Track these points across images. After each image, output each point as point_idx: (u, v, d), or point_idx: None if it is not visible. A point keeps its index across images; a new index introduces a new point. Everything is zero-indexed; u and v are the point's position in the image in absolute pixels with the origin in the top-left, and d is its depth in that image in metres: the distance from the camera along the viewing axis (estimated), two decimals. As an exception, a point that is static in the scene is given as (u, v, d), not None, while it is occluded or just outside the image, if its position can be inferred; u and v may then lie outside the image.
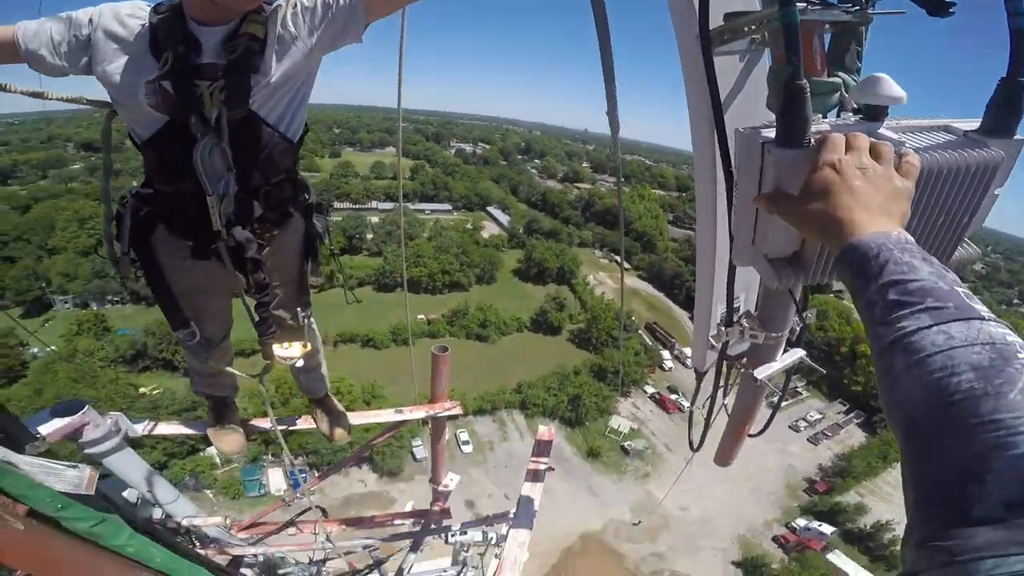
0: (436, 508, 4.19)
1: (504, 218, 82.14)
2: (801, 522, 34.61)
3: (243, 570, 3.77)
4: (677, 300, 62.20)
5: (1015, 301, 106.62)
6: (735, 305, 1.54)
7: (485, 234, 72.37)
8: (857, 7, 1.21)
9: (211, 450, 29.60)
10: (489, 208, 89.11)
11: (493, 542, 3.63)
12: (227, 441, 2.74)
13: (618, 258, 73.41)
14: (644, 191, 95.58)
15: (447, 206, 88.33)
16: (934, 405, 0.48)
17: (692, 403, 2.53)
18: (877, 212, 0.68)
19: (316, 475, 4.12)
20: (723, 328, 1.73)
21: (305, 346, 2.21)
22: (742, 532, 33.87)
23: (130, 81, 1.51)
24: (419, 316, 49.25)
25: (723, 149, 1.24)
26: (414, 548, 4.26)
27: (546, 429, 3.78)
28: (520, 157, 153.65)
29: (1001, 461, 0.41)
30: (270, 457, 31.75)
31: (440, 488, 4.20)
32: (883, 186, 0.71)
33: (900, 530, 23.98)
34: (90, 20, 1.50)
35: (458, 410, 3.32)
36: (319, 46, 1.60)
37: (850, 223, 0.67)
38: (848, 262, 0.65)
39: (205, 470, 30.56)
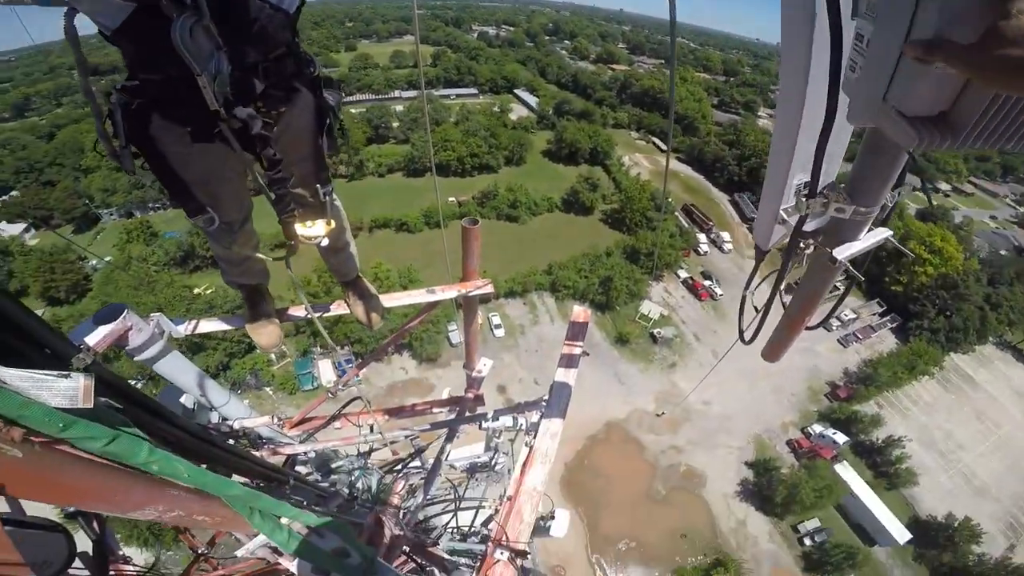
0: (470, 395, 4.10)
1: (532, 100, 78.60)
2: (816, 428, 34.56)
3: (298, 467, 3.78)
4: (717, 183, 59.38)
5: None
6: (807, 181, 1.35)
7: (513, 116, 69.20)
8: None
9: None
10: (516, 91, 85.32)
11: (523, 428, 3.51)
12: (264, 334, 2.70)
13: (656, 139, 69.67)
14: (687, 74, 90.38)
15: (473, 90, 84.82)
16: None
17: (747, 287, 2.12)
18: None
19: (357, 364, 4.08)
20: (804, 199, 1.47)
21: (329, 223, 2.16)
22: (759, 432, 34.23)
23: None
24: (449, 199, 48.70)
25: None
26: (450, 437, 4.28)
27: (581, 310, 3.60)
28: (548, 39, 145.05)
29: None
30: (319, 349, 32.39)
31: (474, 374, 4.11)
32: None
33: (910, 448, 24.23)
34: None
35: (490, 288, 3.23)
36: None
37: None
38: None
39: (263, 367, 31.16)
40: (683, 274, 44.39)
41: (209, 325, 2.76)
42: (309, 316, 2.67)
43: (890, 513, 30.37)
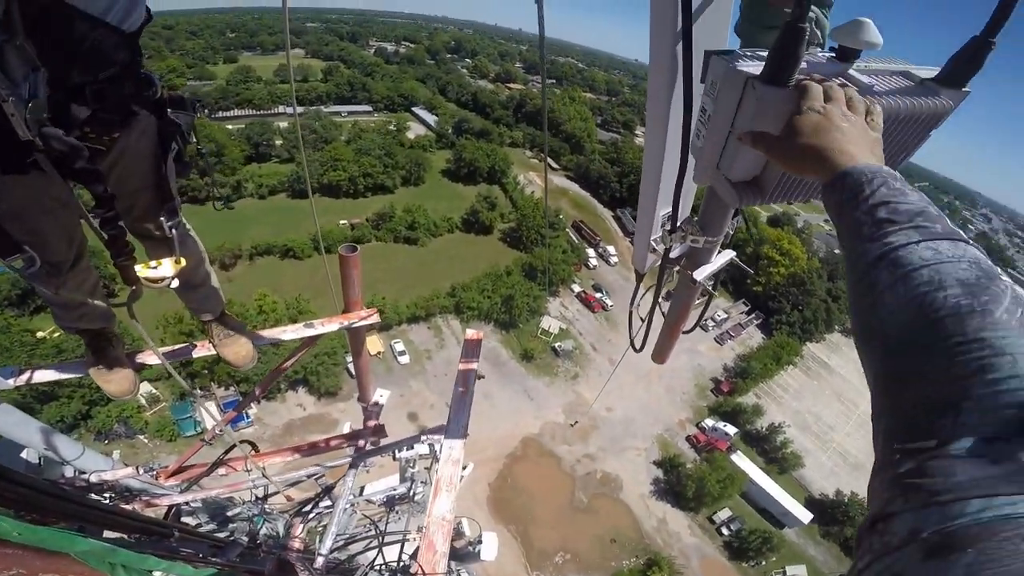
0: (369, 426, 3.93)
1: (431, 118, 77.63)
2: (709, 423, 37.30)
3: (184, 519, 3.53)
4: (602, 200, 63.07)
5: None
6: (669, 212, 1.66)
7: (411, 135, 67.87)
8: None
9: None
10: (415, 108, 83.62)
11: (438, 455, 3.44)
12: (112, 381, 2.40)
13: (549, 159, 72.87)
14: (575, 93, 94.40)
15: (367, 107, 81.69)
16: (918, 323, 0.47)
17: (632, 303, 2.55)
18: (867, 150, 0.73)
19: (232, 410, 3.77)
20: (667, 233, 1.84)
21: (178, 261, 1.89)
22: (660, 432, 36.40)
23: None
24: (341, 221, 46.60)
25: (687, 67, 1.24)
26: (354, 466, 3.99)
27: (473, 332, 3.60)
28: (449, 56, 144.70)
29: (983, 387, 0.39)
30: (199, 392, 29.71)
31: (369, 406, 3.96)
32: (865, 133, 0.77)
33: (789, 433, 28.08)
34: None
35: (375, 318, 3.07)
36: None
37: (846, 153, 0.71)
38: (841, 186, 0.67)
39: (133, 414, 28.12)
40: (576, 288, 46.83)
41: (45, 375, 2.46)
42: (163, 364, 2.34)
43: (789, 496, 33.40)
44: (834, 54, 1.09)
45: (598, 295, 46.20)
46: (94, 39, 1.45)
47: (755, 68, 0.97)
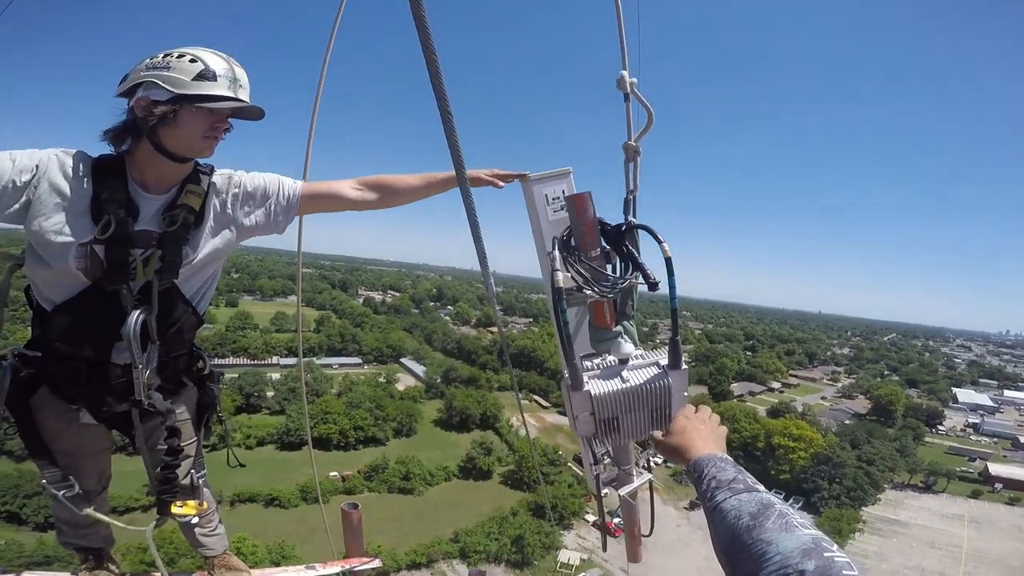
0: None
1: (420, 369, 79.76)
2: None
3: None
4: (595, 428, 62.69)
5: (886, 372, 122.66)
6: (600, 451, 2.31)
7: (400, 386, 69.10)
8: (619, 281, 1.91)
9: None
10: (403, 359, 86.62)
11: None
12: None
13: (537, 398, 74.14)
14: (551, 329, 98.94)
15: (357, 359, 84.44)
16: (732, 536, 0.80)
17: (600, 518, 3.02)
18: (712, 444, 1.15)
19: None
20: (592, 464, 2.48)
21: (201, 505, 2.20)
22: None
23: (65, 242, 1.42)
24: (332, 473, 44.41)
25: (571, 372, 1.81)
26: None
27: (476, 571, 3.73)
28: (432, 304, 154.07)
29: (765, 565, 0.70)
30: None
31: None
32: (713, 431, 1.22)
33: None
34: (36, 166, 1.41)
35: (377, 563, 3.25)
36: (249, 232, 1.73)
37: (695, 449, 1.13)
38: (692, 470, 1.07)
39: None
40: (591, 517, 43.38)
41: None
42: None
43: None
44: (617, 361, 1.80)
45: (616, 520, 42.08)
46: (182, 321, 1.68)
47: (594, 386, 1.70)
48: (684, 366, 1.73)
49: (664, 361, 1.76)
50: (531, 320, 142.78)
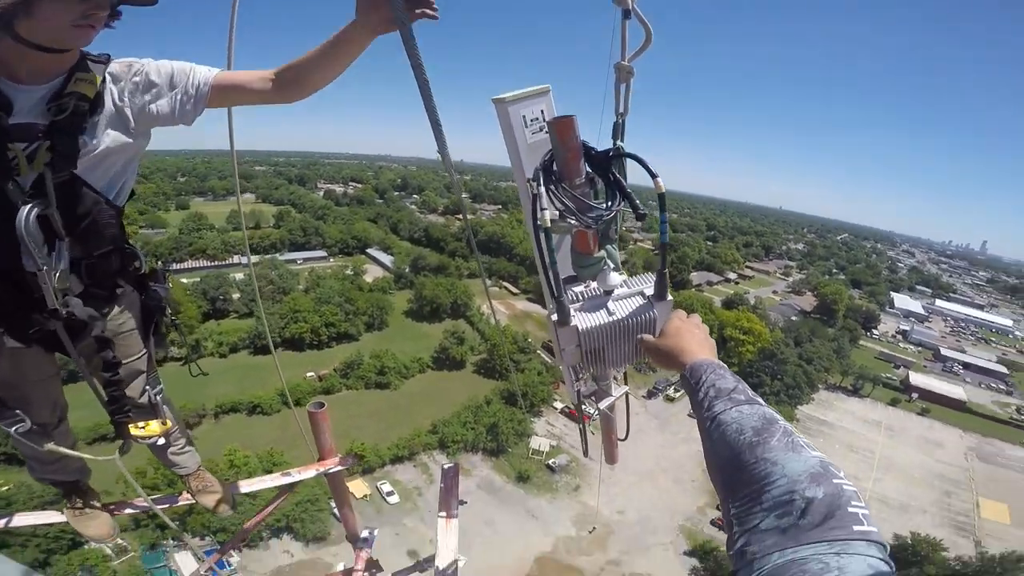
0: (359, 566, 4.03)
1: (387, 259, 79.06)
2: None
3: None
4: (566, 315, 65.13)
5: (834, 271, 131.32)
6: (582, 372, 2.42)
7: (369, 278, 68.45)
8: (605, 213, 1.78)
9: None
10: (370, 250, 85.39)
11: None
12: (92, 525, 2.54)
13: (507, 284, 75.25)
14: (520, 216, 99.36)
15: (321, 252, 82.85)
16: (732, 453, 0.77)
17: (583, 436, 3.54)
18: (707, 350, 1.11)
19: (215, 554, 4.08)
20: (574, 382, 2.55)
21: (164, 423, 2.14)
22: (681, 523, 35.79)
23: None
24: (308, 374, 45.22)
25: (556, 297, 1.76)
26: None
27: (449, 463, 3.93)
28: (397, 194, 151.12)
29: (768, 486, 0.67)
30: (172, 541, 28.41)
31: (359, 544, 4.10)
32: (705, 337, 1.17)
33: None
34: None
35: (349, 463, 3.38)
36: (153, 120, 1.57)
37: (691, 352, 1.10)
38: (688, 376, 1.03)
39: (98, 563, 26.15)
40: (559, 404, 46.42)
41: (26, 519, 2.54)
42: (152, 509, 2.59)
43: None
44: (601, 291, 1.80)
45: (583, 434, 45.72)
46: (96, 214, 1.56)
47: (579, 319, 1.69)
48: (669, 297, 1.74)
49: (649, 291, 1.77)
50: (500, 207, 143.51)
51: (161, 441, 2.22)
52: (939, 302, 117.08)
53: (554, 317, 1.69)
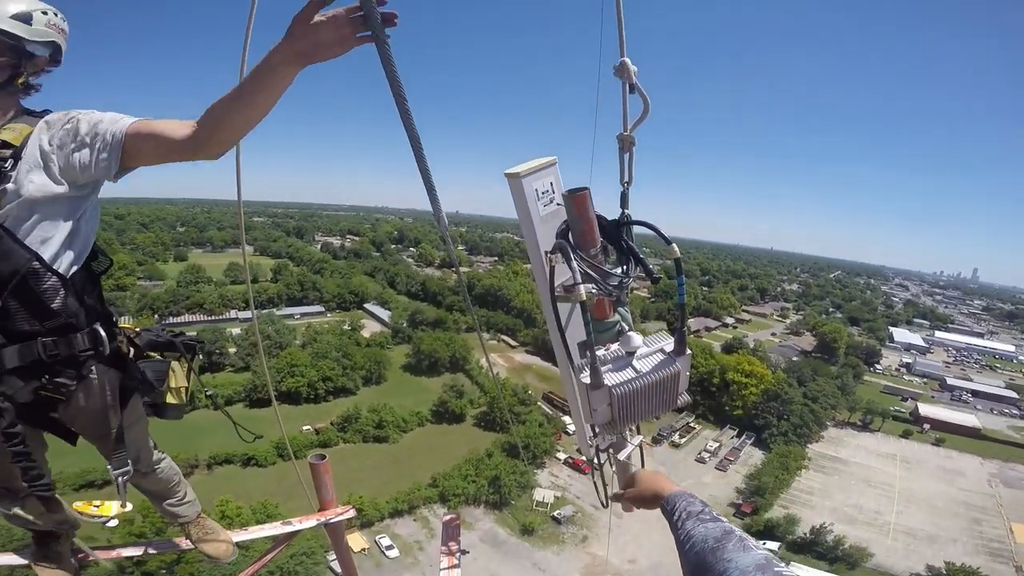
0: None
1: (384, 314, 78.61)
2: None
3: None
4: (564, 367, 64.66)
5: (831, 309, 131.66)
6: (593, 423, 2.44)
7: (366, 333, 68.07)
8: (624, 280, 1.97)
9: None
10: (367, 305, 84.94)
11: None
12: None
13: (505, 338, 74.98)
14: (516, 267, 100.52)
15: (319, 307, 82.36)
16: (699, 559, 0.95)
17: (602, 491, 3.41)
18: (672, 485, 1.31)
19: None
20: (592, 437, 2.70)
21: (123, 506, 2.06)
22: None
23: None
24: (304, 427, 44.36)
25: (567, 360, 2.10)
26: None
27: (449, 514, 3.91)
28: (394, 247, 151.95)
29: None
30: None
31: None
32: (665, 478, 1.39)
33: (837, 529, 29.34)
34: None
35: (351, 513, 3.39)
36: (77, 172, 1.48)
37: (667, 488, 1.30)
38: (667, 504, 1.22)
39: None
40: (562, 455, 45.59)
41: None
42: (148, 553, 2.69)
43: None
44: (623, 351, 1.94)
45: (602, 489, 44.86)
46: (27, 270, 1.44)
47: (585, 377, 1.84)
48: (688, 351, 1.91)
49: (669, 347, 1.93)
50: (496, 259, 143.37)
51: (113, 523, 2.21)
52: (939, 333, 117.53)
53: (586, 380, 1.77)
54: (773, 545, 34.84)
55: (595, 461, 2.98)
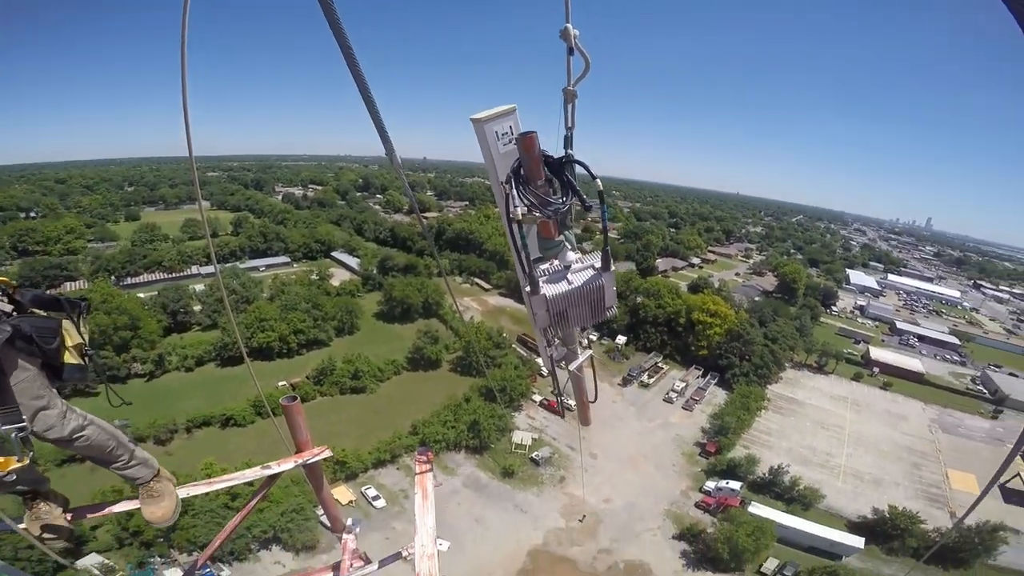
0: (346, 555, 3.97)
1: (353, 261, 77.16)
2: (711, 484, 37.40)
3: None
4: (538, 309, 65.38)
5: (792, 251, 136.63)
6: (551, 335, 3.10)
7: (335, 282, 66.67)
8: (560, 206, 2.35)
9: (85, 560, 25.91)
10: (335, 253, 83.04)
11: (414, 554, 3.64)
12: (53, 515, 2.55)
13: (478, 281, 74.95)
14: (488, 211, 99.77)
15: (284, 258, 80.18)
16: None
17: (556, 390, 4.24)
18: None
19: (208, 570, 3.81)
20: (546, 348, 3.26)
21: (21, 460, 2.04)
22: (666, 507, 36.29)
23: None
24: (280, 382, 43.89)
25: (529, 279, 2.44)
26: None
27: (422, 453, 3.96)
28: (360, 195, 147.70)
29: None
30: (159, 558, 28.34)
31: (345, 535, 4.09)
32: None
33: (792, 470, 30.56)
34: None
35: (328, 453, 3.43)
36: None
37: None
38: None
39: None
40: (537, 397, 46.80)
41: None
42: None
43: (829, 528, 33.45)
44: (562, 266, 2.52)
45: (560, 398, 46.04)
46: None
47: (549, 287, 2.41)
48: (612, 268, 2.44)
49: (598, 264, 2.43)
50: (467, 203, 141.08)
51: (11, 478, 2.11)
52: (892, 276, 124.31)
53: (527, 288, 2.24)
54: (736, 484, 36.66)
55: (552, 367, 3.47)
